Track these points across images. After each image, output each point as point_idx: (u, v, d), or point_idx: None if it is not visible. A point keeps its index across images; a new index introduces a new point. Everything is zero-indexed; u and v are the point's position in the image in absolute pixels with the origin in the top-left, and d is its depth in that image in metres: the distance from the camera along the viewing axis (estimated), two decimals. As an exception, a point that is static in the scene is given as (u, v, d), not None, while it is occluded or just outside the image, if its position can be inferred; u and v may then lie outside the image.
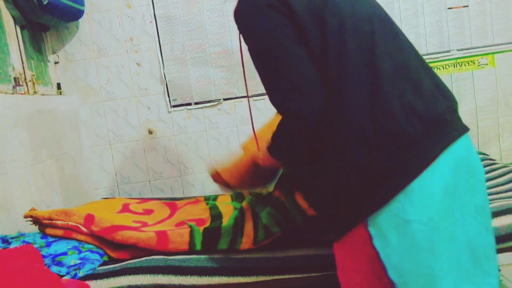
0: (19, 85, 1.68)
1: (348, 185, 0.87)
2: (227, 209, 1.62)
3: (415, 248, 0.84)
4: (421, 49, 2.23)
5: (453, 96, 0.95)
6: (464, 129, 0.92)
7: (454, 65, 2.25)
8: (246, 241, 1.27)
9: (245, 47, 0.99)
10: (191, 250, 1.31)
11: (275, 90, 0.91)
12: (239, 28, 0.97)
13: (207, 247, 1.29)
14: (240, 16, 0.95)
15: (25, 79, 1.75)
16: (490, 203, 1.31)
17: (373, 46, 0.88)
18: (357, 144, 0.85)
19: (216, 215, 1.56)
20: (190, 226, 1.39)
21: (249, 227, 1.32)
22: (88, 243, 1.37)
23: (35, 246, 1.21)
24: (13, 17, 1.71)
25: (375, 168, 0.84)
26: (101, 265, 1.31)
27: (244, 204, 1.46)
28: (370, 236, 0.86)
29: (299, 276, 1.24)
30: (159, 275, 1.24)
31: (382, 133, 0.84)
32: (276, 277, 1.24)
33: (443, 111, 0.89)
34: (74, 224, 1.37)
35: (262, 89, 2.19)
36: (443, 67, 2.24)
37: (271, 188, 1.44)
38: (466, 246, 0.88)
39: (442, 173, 0.85)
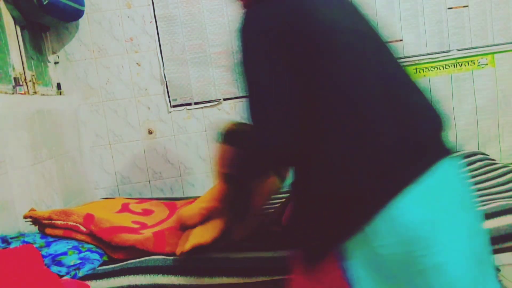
0: (19, 85, 1.68)
1: (328, 209, 0.85)
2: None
3: (377, 266, 0.82)
4: (421, 49, 2.23)
5: (440, 114, 0.91)
6: (446, 153, 0.87)
7: (454, 65, 2.25)
8: (238, 232, 1.26)
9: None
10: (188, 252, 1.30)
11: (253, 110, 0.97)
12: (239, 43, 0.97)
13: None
14: (241, 33, 0.95)
15: (25, 79, 1.75)
16: (490, 203, 1.32)
17: (361, 64, 0.87)
18: (338, 166, 0.83)
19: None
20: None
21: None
22: (88, 242, 1.37)
23: (35, 246, 1.21)
24: (13, 17, 1.72)
25: (356, 191, 0.82)
26: (101, 265, 1.31)
27: None
28: (341, 255, 0.84)
29: (299, 276, 1.24)
30: (159, 275, 1.24)
31: (366, 154, 0.82)
32: (276, 277, 1.24)
33: (426, 133, 0.87)
34: (74, 224, 1.37)
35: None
36: (443, 67, 2.24)
37: None
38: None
39: (419, 199, 0.80)
